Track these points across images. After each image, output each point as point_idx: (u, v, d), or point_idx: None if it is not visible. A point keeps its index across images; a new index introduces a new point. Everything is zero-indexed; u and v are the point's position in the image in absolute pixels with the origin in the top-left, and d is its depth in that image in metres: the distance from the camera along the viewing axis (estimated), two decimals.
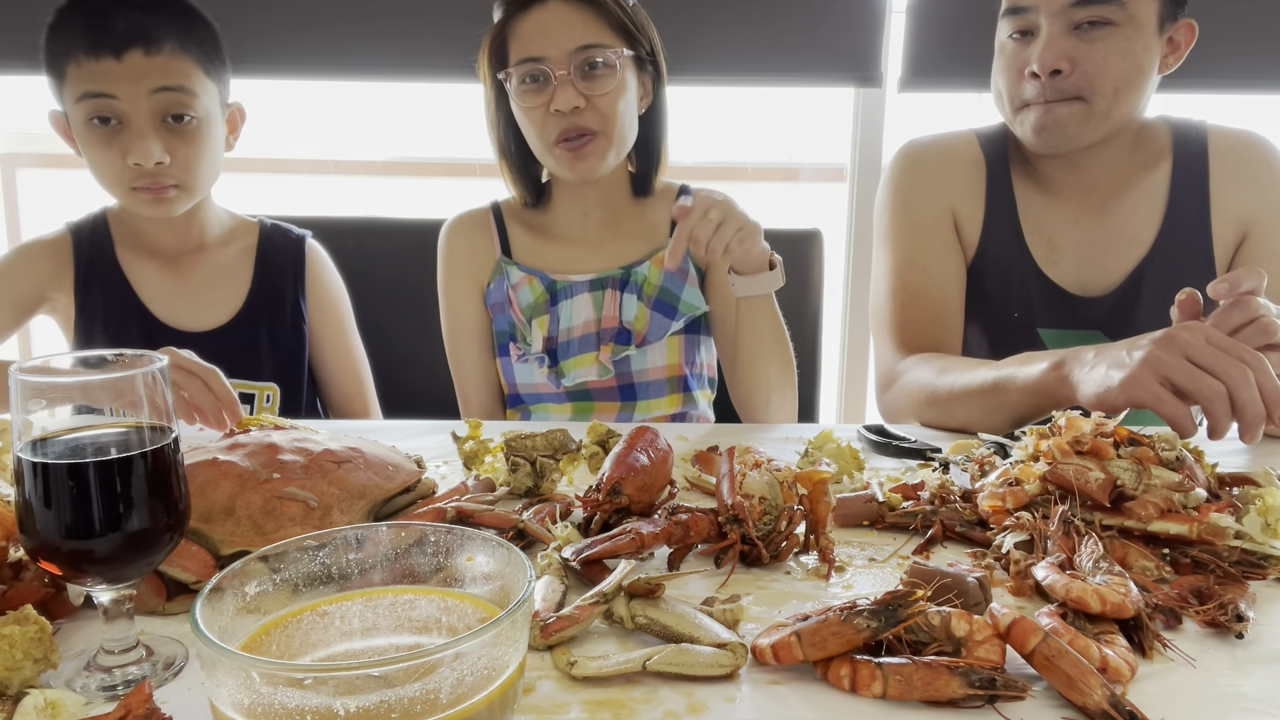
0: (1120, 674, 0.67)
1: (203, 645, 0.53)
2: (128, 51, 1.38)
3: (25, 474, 0.65)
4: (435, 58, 2.12)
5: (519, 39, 1.43)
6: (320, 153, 3.19)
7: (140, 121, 1.40)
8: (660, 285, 1.56)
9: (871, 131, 2.34)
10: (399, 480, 0.92)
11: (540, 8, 1.42)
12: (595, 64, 1.42)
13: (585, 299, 1.57)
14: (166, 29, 1.41)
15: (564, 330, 1.56)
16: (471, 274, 1.61)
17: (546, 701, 0.66)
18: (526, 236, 1.62)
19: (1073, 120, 1.38)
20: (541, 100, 1.42)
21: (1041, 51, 1.35)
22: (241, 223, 1.66)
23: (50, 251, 1.57)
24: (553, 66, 1.40)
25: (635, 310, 1.56)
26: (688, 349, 1.59)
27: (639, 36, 1.47)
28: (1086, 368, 1.12)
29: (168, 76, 1.41)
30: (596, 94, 1.42)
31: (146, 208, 1.47)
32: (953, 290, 1.52)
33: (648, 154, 1.58)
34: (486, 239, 1.62)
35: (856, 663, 0.67)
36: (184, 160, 1.45)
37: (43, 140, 3.11)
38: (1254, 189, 1.48)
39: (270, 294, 1.62)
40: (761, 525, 0.86)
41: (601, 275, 1.57)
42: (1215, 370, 1.01)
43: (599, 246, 1.59)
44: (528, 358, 1.56)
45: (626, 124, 1.48)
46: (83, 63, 1.39)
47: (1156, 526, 0.87)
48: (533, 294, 1.57)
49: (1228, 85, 2.18)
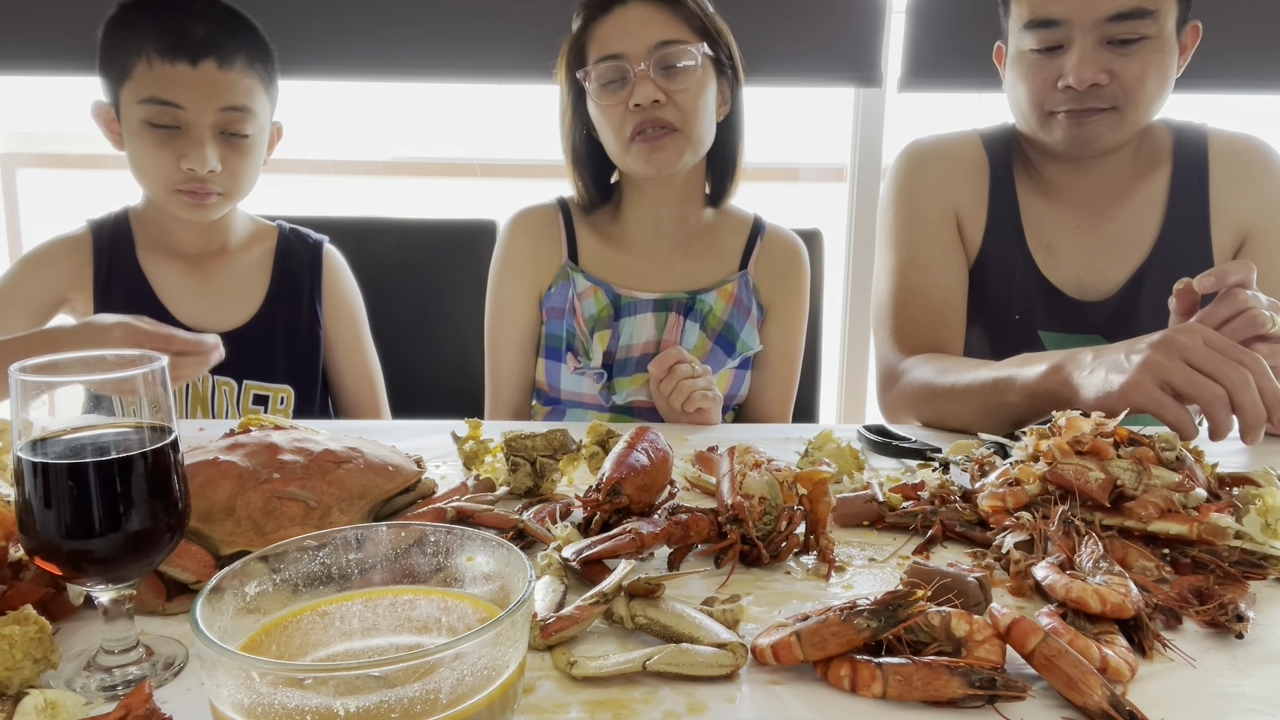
0: (1120, 674, 0.67)
1: (203, 645, 0.53)
2: (203, 60, 1.41)
3: (25, 474, 0.65)
4: (436, 58, 2.12)
5: (598, 40, 1.45)
6: (320, 153, 3.19)
7: (201, 132, 1.43)
8: (725, 320, 1.56)
9: (871, 131, 2.34)
10: (399, 480, 0.92)
11: (620, 8, 1.44)
12: (674, 60, 1.42)
13: (649, 318, 1.56)
14: (238, 44, 1.44)
15: (623, 347, 1.55)
16: (531, 276, 1.59)
17: (546, 701, 0.66)
18: (595, 243, 1.60)
19: (1107, 130, 1.38)
20: (620, 97, 1.43)
21: (1078, 66, 1.33)
22: (261, 226, 1.67)
23: (71, 250, 1.57)
24: (632, 63, 1.41)
25: (696, 339, 1.55)
26: (734, 382, 1.59)
27: (719, 39, 1.48)
28: (1086, 371, 1.12)
29: (235, 95, 1.44)
30: (676, 89, 1.42)
31: (185, 210, 1.49)
32: (954, 290, 1.52)
33: (723, 161, 1.57)
34: (554, 241, 1.59)
35: (856, 663, 0.67)
36: (233, 171, 1.47)
37: (43, 140, 3.11)
38: (1254, 193, 1.47)
39: (287, 298, 1.63)
40: (761, 525, 0.86)
41: (667, 296, 1.56)
42: (1215, 374, 1.01)
43: (668, 263, 1.58)
44: (585, 371, 1.54)
45: (705, 123, 1.47)
46: (155, 64, 1.41)
47: (1156, 526, 0.86)
48: (597, 306, 1.55)
49: (1228, 85, 2.18)
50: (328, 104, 3.02)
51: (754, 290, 1.59)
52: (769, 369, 1.62)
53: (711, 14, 1.48)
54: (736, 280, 1.58)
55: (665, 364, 1.36)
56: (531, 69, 2.09)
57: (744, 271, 1.60)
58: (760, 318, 1.60)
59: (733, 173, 1.59)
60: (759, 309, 1.60)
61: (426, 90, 2.96)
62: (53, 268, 1.56)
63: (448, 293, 1.75)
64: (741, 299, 1.58)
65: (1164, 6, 1.32)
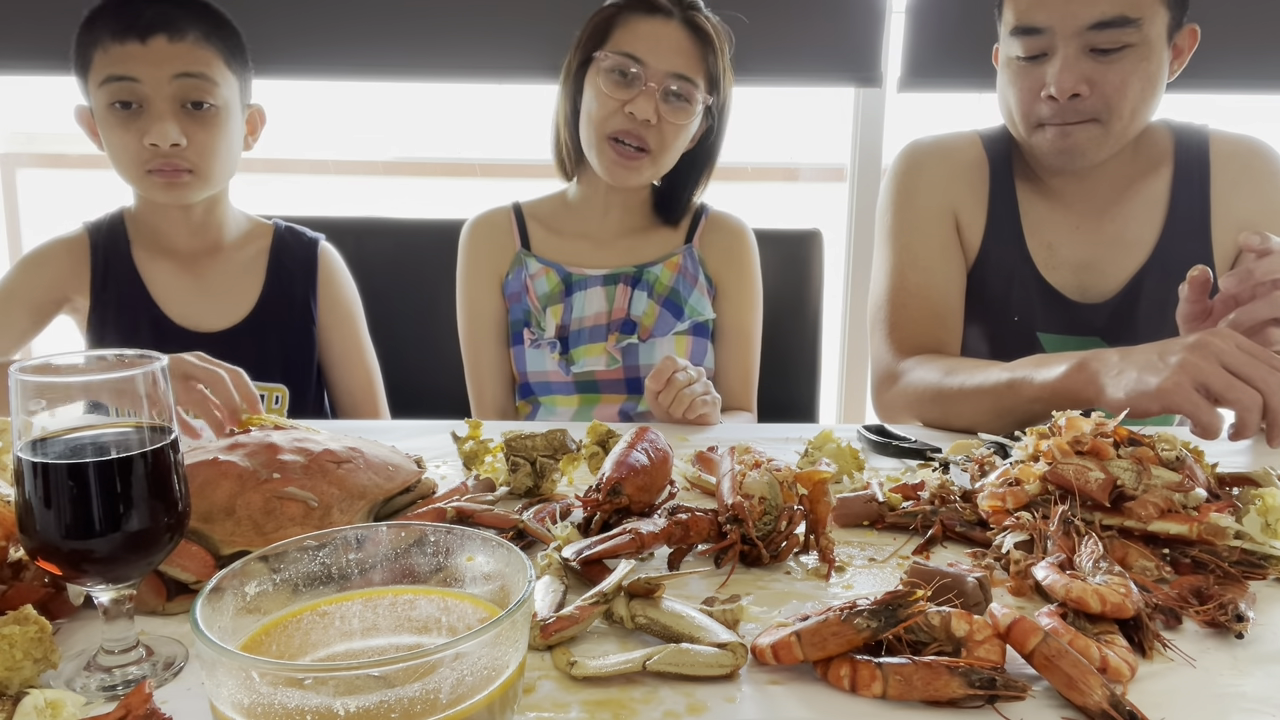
0: (1120, 674, 0.67)
1: (203, 645, 0.53)
2: (152, 37, 1.43)
3: (25, 474, 0.65)
4: (435, 58, 2.12)
5: (628, 32, 1.52)
6: (320, 153, 3.19)
7: (160, 105, 1.44)
8: (671, 286, 1.65)
9: (871, 131, 2.33)
10: (399, 480, 0.92)
11: (662, 20, 1.51)
12: (681, 95, 1.52)
13: (598, 291, 1.64)
14: (190, 20, 1.46)
15: (576, 320, 1.64)
16: (491, 268, 1.68)
17: (546, 701, 0.66)
18: (545, 232, 1.70)
19: (1090, 143, 1.38)
20: (623, 95, 1.50)
21: (1059, 75, 1.33)
22: (257, 225, 1.67)
23: (68, 251, 1.58)
24: (646, 75, 1.49)
25: (645, 306, 1.64)
26: (694, 350, 1.64)
27: (720, 92, 1.57)
28: (1114, 370, 1.12)
29: (189, 63, 1.44)
30: (670, 119, 1.52)
31: (160, 192, 1.49)
32: (953, 291, 1.52)
33: (673, 185, 1.67)
34: (507, 234, 1.70)
35: (856, 663, 0.67)
36: (200, 145, 1.47)
37: (43, 140, 3.11)
38: (1255, 195, 1.47)
39: (281, 297, 1.63)
40: (761, 525, 0.86)
41: (615, 271, 1.66)
42: (1251, 378, 1.02)
43: (614, 242, 1.68)
44: (540, 342, 1.63)
45: (675, 155, 1.58)
46: (109, 48, 1.43)
47: (1156, 526, 0.86)
48: (549, 284, 1.65)
49: (1229, 86, 2.18)
50: (328, 104, 3.02)
51: (700, 263, 1.69)
52: (726, 346, 1.69)
53: (728, 66, 1.57)
54: (682, 253, 1.68)
55: (662, 377, 1.36)
56: (532, 69, 2.09)
57: (688, 245, 1.69)
58: (711, 290, 1.69)
59: (684, 203, 1.69)
60: (708, 281, 1.68)
61: (426, 90, 2.95)
62: (52, 268, 1.57)
63: (447, 293, 1.74)
64: (687, 268, 1.67)
65: (1149, 14, 1.31)
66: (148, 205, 1.57)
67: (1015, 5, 1.37)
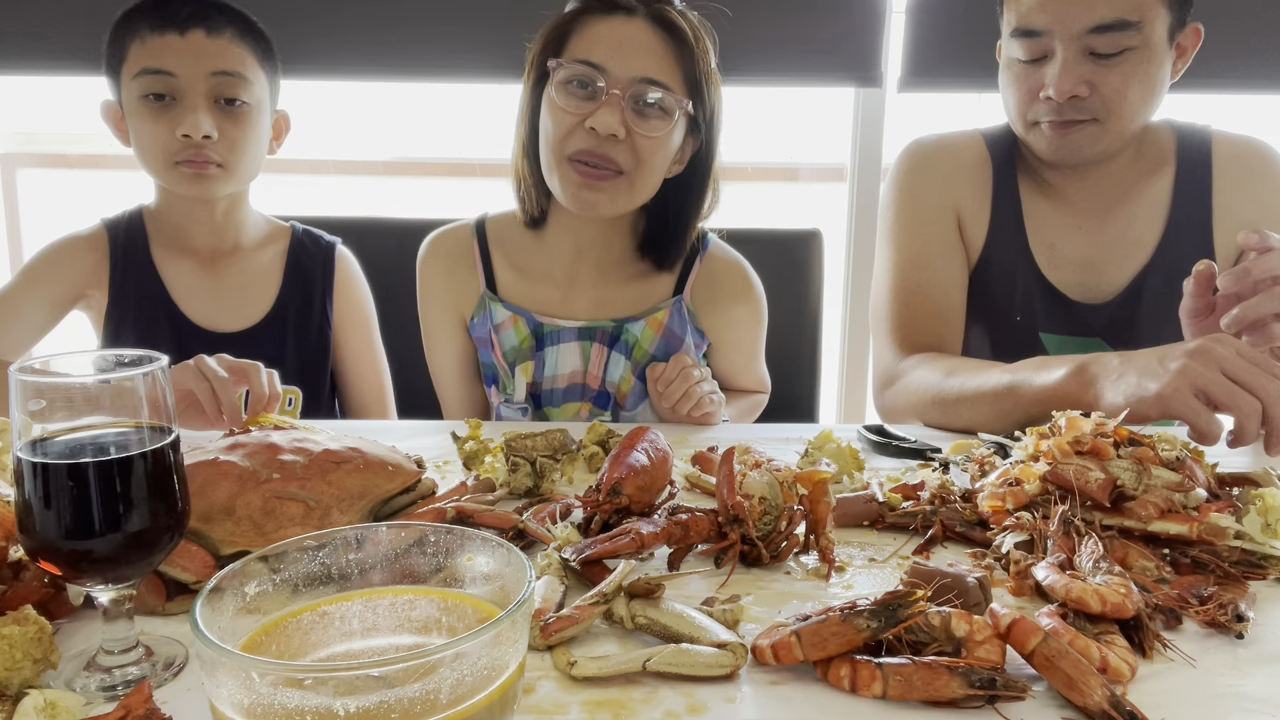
0: (1120, 674, 0.67)
1: (203, 645, 0.53)
2: (191, 30, 1.45)
3: (25, 474, 0.65)
4: (437, 58, 2.12)
5: (586, 36, 1.30)
6: (320, 153, 3.19)
7: (194, 98, 1.45)
8: (650, 354, 1.46)
9: (871, 132, 2.33)
10: (399, 480, 0.92)
11: (624, 17, 1.29)
12: (653, 102, 1.29)
13: (573, 348, 1.46)
14: (226, 19, 1.48)
15: (549, 378, 1.47)
16: (452, 305, 1.52)
17: (546, 701, 0.66)
18: (511, 272, 1.49)
19: (1088, 141, 1.38)
20: (583, 109, 1.28)
21: (1059, 78, 1.33)
22: (276, 227, 1.68)
23: (89, 247, 1.58)
24: (609, 82, 1.27)
25: (621, 372, 1.46)
26: None
27: (704, 99, 1.34)
28: (1114, 375, 1.12)
29: (226, 61, 1.46)
30: (641, 132, 1.29)
31: (187, 184, 1.49)
32: (955, 290, 1.52)
33: (664, 224, 1.43)
34: (468, 270, 1.49)
35: (856, 663, 0.67)
36: (230, 140, 1.48)
37: (43, 140, 3.11)
38: (1258, 196, 1.47)
39: (298, 299, 1.63)
40: (761, 525, 0.86)
41: (591, 325, 1.46)
42: (1251, 386, 1.02)
43: (590, 289, 1.47)
44: (511, 405, 1.49)
45: (654, 175, 1.35)
46: (147, 39, 1.45)
47: (1156, 526, 0.87)
48: (517, 337, 1.46)
49: (1231, 86, 2.18)
50: (328, 104, 3.02)
51: (691, 316, 1.48)
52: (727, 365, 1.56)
53: (712, 69, 1.34)
54: (669, 308, 1.46)
55: (675, 368, 1.34)
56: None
57: (678, 297, 1.48)
58: (703, 341, 1.50)
59: (679, 240, 1.44)
60: (697, 334, 1.49)
61: (426, 90, 2.96)
62: (72, 264, 1.57)
63: None
64: (673, 330, 1.46)
65: (1149, 17, 1.31)
66: (170, 202, 1.57)
67: (1016, 7, 1.37)
